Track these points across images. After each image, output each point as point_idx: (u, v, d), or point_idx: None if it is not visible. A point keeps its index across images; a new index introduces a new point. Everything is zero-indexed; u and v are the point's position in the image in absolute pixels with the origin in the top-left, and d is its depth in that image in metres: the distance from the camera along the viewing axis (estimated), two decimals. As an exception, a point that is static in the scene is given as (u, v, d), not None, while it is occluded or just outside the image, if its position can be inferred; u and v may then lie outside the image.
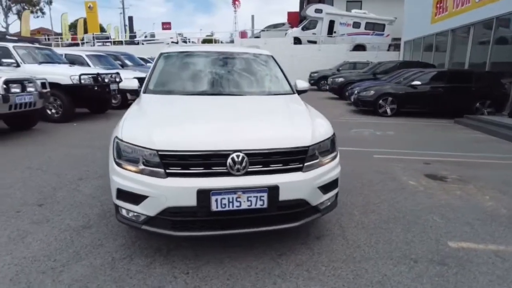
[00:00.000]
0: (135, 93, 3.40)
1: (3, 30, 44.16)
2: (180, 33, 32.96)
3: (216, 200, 2.12)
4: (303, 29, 21.36)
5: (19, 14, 51.21)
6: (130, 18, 34.88)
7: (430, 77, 9.46)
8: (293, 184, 2.25)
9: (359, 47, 20.29)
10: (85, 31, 31.41)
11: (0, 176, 4.03)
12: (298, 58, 19.96)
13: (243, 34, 28.67)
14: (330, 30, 20.86)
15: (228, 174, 2.16)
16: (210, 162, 2.16)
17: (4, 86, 5.40)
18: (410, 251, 2.56)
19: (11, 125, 6.59)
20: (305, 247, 2.59)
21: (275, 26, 25.57)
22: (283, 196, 2.22)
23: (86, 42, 26.58)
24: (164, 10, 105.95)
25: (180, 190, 2.12)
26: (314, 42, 20.66)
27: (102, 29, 39.01)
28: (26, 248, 2.53)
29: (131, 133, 2.32)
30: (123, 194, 2.27)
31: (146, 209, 2.20)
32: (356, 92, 9.93)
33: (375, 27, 20.80)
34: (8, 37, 9.15)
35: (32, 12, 49.27)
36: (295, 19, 29.24)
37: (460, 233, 2.85)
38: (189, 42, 29.93)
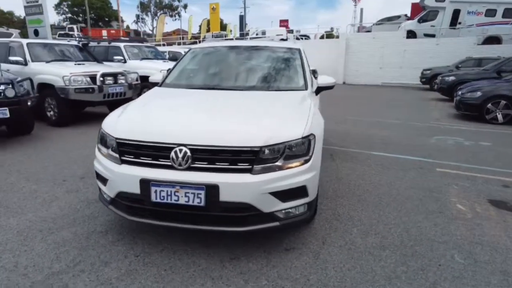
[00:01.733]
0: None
1: (150, 31, 52.94)
2: (298, 30, 33.43)
3: (155, 191, 2.16)
4: (419, 21, 18.78)
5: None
6: (241, 17, 37.26)
7: None
8: (235, 185, 2.10)
9: (492, 40, 16.68)
10: (208, 30, 35.08)
11: (74, 151, 4.97)
12: (410, 53, 17.76)
13: (360, 28, 27.18)
14: (454, 21, 17.77)
15: (171, 167, 2.18)
16: (157, 154, 2.21)
17: (101, 78, 6.58)
18: None
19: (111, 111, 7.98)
20: (264, 256, 2.39)
21: (390, 19, 23.25)
22: (224, 197, 2.10)
23: (204, 40, 29.60)
24: (286, 8, 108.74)
25: (127, 177, 2.24)
26: (433, 36, 17.98)
27: (225, 28, 42.72)
28: (46, 210, 3.08)
29: (108, 121, 2.57)
30: (98, 175, 2.53)
31: (108, 190, 2.41)
32: (459, 93, 8.30)
33: (519, 14, 16.67)
34: (122, 38, 11.02)
35: (171, 16, 57.64)
36: (419, 10, 26.00)
37: (477, 283, 2.15)
38: (303, 38, 29.99)
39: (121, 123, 2.43)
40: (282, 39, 26.52)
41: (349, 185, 3.76)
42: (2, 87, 4.93)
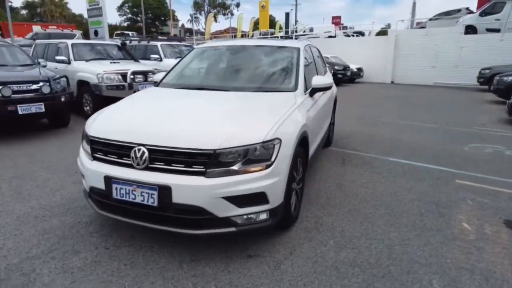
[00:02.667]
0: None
1: (203, 30, 54.74)
2: (351, 26, 32.30)
3: (116, 189, 2.24)
4: (481, 14, 16.87)
5: (215, 17, 62.29)
6: (287, 14, 36.87)
7: None
8: (187, 188, 2.10)
9: None
10: (257, 29, 35.37)
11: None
12: (468, 51, 16.12)
13: (413, 24, 25.54)
14: (524, 13, 15.69)
15: (131, 166, 2.23)
16: (121, 152, 2.29)
17: (131, 76, 6.97)
18: (336, 308, 1.93)
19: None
20: (224, 261, 2.35)
21: (448, 13, 21.28)
22: (177, 198, 2.11)
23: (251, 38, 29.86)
24: (341, 4, 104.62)
25: (95, 173, 2.35)
26: (497, 31, 16.10)
27: (275, 26, 42.68)
28: (50, 198, 3.35)
29: (90, 119, 2.71)
30: (79, 171, 2.69)
31: (85, 185, 2.55)
32: (513, 95, 7.36)
33: None
34: (159, 37, 11.53)
35: (224, 14, 59.02)
36: (486, 3, 23.53)
37: (448, 314, 1.90)
38: (353, 35, 28.88)
39: (96, 122, 2.55)
40: (331, 36, 25.86)
41: (347, 193, 3.54)
42: (41, 83, 5.46)
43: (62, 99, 5.71)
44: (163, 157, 2.17)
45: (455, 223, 2.92)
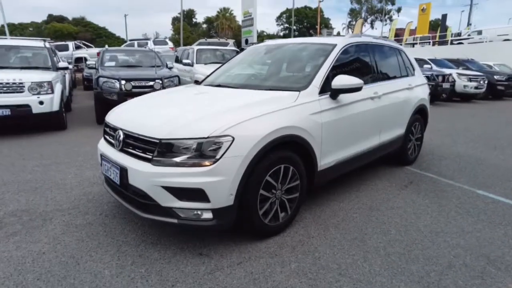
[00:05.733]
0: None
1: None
2: None
3: (104, 164, 2.62)
4: None
5: (372, 24, 59.56)
6: (443, 16, 31.47)
7: None
8: (135, 172, 2.26)
9: None
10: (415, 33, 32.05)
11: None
12: None
13: None
14: None
15: (114, 146, 2.55)
16: (112, 134, 2.65)
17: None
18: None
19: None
20: (174, 252, 2.38)
21: None
22: (131, 180, 2.30)
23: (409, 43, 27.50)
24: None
25: (98, 150, 2.80)
26: None
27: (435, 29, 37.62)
28: (79, 177, 4.00)
29: (117, 107, 3.20)
30: None
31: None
32: None
33: None
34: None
35: (381, 20, 55.90)
36: None
37: None
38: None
39: (114, 108, 3.01)
40: (507, 39, 20.86)
41: (371, 219, 2.91)
42: (155, 81, 6.69)
43: (169, 94, 6.81)
44: (132, 142, 2.40)
45: (494, 293, 2.00)
